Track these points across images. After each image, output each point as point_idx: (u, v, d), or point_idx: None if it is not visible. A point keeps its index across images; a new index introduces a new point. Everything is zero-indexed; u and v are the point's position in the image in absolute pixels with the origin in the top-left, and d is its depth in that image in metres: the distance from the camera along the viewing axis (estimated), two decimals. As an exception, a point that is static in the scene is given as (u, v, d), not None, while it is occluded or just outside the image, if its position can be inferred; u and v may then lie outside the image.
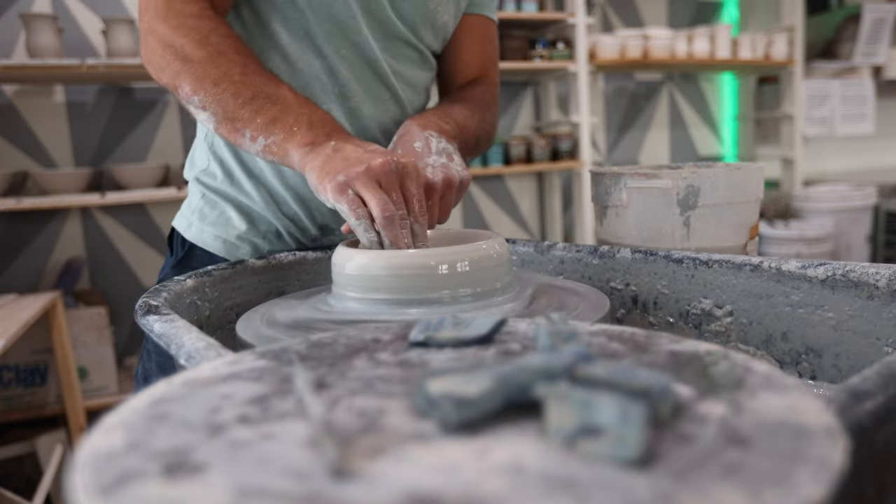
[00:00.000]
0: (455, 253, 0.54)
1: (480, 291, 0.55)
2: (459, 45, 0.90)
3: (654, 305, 0.65)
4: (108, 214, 2.41)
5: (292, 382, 0.29)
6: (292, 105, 0.64)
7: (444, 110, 0.80)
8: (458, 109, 0.82)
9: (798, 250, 2.99)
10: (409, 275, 0.53)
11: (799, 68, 3.37)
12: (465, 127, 0.80)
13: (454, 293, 0.53)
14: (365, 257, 0.55)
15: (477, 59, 0.92)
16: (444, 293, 0.53)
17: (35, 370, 2.09)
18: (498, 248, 0.57)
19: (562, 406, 0.23)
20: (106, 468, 0.22)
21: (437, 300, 0.53)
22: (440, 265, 0.53)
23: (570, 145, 2.92)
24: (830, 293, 0.53)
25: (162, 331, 0.48)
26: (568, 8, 2.87)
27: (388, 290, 0.53)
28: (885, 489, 0.31)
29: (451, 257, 0.54)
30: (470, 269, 0.54)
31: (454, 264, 0.54)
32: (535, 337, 0.35)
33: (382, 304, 0.54)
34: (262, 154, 0.65)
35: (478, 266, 0.55)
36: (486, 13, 0.90)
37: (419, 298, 0.53)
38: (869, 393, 0.28)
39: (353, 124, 0.80)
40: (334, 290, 0.58)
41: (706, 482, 0.19)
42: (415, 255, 0.54)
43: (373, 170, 0.57)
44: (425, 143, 0.69)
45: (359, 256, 0.55)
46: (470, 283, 0.54)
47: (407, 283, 0.53)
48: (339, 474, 0.21)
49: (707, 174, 0.71)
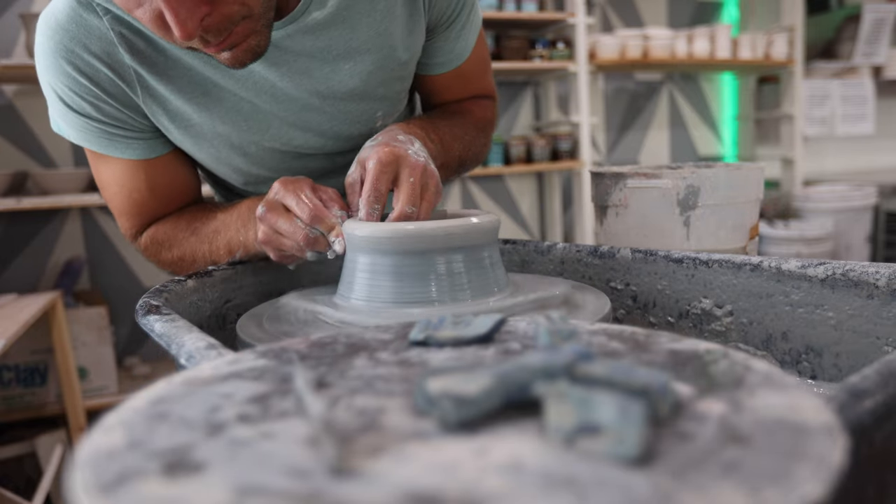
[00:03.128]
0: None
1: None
2: (439, 95, 0.87)
3: (654, 305, 0.65)
4: (108, 214, 2.41)
5: (292, 381, 0.29)
6: (227, 220, 0.73)
7: (434, 124, 0.76)
8: (447, 127, 0.78)
9: (798, 250, 2.99)
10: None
11: (799, 68, 3.37)
12: (450, 147, 0.76)
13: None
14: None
15: (465, 94, 0.88)
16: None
17: (35, 370, 2.08)
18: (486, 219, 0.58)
19: (561, 404, 0.23)
20: (106, 467, 0.22)
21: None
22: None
23: (570, 145, 2.92)
24: (830, 293, 0.53)
25: (162, 331, 0.48)
26: (568, 8, 2.87)
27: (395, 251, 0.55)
28: (885, 488, 0.31)
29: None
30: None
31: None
32: (534, 336, 0.35)
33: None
34: (238, 255, 0.72)
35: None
36: (456, 64, 0.83)
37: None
38: (868, 391, 0.28)
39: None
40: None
41: (706, 480, 0.19)
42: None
43: (271, 201, 0.62)
44: (407, 139, 0.66)
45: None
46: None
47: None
48: (339, 473, 0.21)
49: (707, 174, 0.71)
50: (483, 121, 0.86)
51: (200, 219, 0.77)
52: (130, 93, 0.71)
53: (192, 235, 0.77)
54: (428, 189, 0.61)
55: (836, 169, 3.86)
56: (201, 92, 0.71)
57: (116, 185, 0.79)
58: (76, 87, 0.71)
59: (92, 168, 0.79)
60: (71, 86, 0.71)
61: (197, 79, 0.70)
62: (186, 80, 0.71)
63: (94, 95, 0.71)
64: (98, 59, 0.69)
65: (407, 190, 0.59)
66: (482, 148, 0.86)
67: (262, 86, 0.71)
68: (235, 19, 0.57)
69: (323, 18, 0.69)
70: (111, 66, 0.69)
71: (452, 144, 0.77)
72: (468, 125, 0.82)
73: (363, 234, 0.55)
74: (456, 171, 0.81)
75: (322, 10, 0.69)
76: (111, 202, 0.81)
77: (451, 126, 0.79)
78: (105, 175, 0.80)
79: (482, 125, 0.86)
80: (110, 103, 0.72)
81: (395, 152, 0.60)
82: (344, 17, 0.70)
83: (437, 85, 0.85)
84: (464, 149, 0.80)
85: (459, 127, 0.80)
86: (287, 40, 0.69)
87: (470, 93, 0.88)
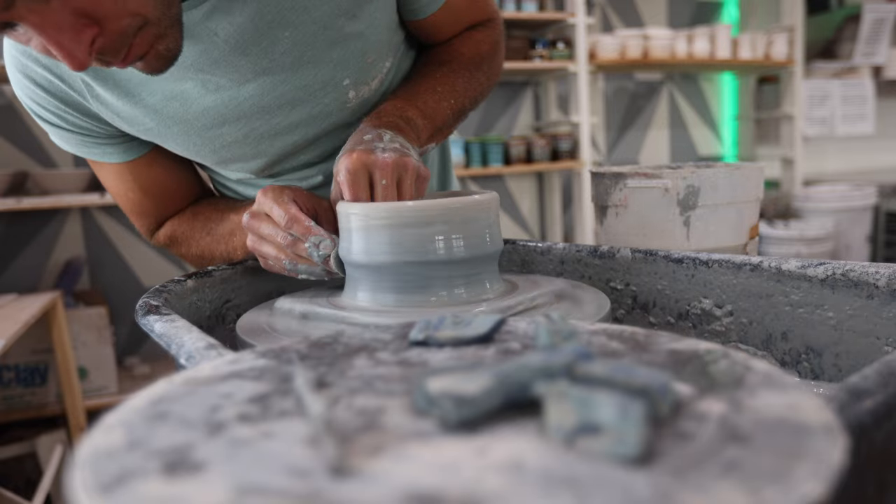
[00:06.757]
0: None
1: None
2: (435, 37, 0.81)
3: (654, 305, 0.65)
4: (108, 214, 2.41)
5: (292, 381, 0.29)
6: (240, 223, 0.72)
7: (413, 93, 0.72)
8: (430, 89, 0.73)
9: (798, 250, 2.99)
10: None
11: (799, 68, 3.37)
12: (436, 111, 0.72)
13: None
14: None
15: (460, 27, 0.82)
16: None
17: (35, 370, 2.09)
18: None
19: (561, 404, 0.23)
20: (106, 466, 0.22)
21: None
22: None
23: (570, 145, 2.92)
24: (830, 293, 0.53)
25: (162, 331, 0.48)
26: (568, 8, 2.87)
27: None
28: (885, 488, 0.31)
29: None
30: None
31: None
32: (534, 336, 0.35)
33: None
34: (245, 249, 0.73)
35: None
36: (442, 2, 0.76)
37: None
38: (868, 391, 0.28)
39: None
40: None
41: (706, 480, 0.19)
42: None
43: (254, 210, 0.63)
44: (375, 135, 0.63)
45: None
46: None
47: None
48: (339, 472, 0.21)
49: (707, 174, 0.71)
50: (477, 57, 0.81)
51: (215, 219, 0.77)
52: (84, 102, 0.69)
53: (208, 236, 0.77)
54: (404, 183, 0.59)
55: (836, 169, 3.86)
56: (147, 93, 0.68)
57: (114, 188, 0.79)
58: (39, 100, 0.70)
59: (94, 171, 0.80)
60: (34, 98, 0.70)
61: (141, 84, 0.68)
62: (134, 84, 0.68)
63: (55, 106, 0.70)
64: (49, 72, 0.68)
65: (379, 195, 0.58)
66: (486, 83, 0.81)
67: (203, 82, 0.67)
68: (130, 32, 0.52)
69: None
70: (61, 77, 0.68)
71: (439, 105, 0.73)
72: (460, 71, 0.77)
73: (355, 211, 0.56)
74: (455, 123, 0.78)
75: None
76: (118, 204, 0.81)
77: (436, 83, 0.75)
78: (102, 178, 0.80)
79: (477, 63, 0.80)
80: (71, 113, 0.71)
81: (361, 158, 0.58)
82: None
83: (429, 28, 0.79)
84: (459, 99, 0.76)
85: (448, 80, 0.76)
86: (207, 23, 0.63)
87: (464, 24, 0.82)
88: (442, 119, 0.73)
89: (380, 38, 0.72)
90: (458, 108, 0.76)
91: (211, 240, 0.76)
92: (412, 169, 0.60)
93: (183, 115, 0.69)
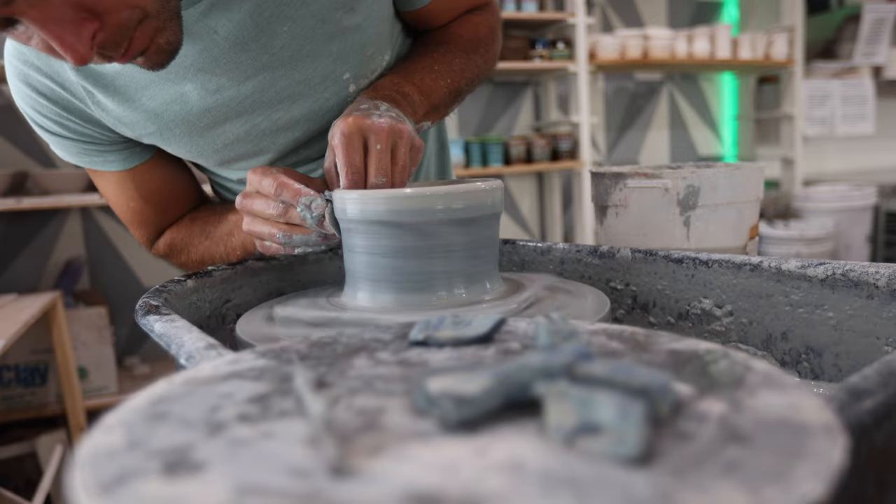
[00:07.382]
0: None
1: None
2: (433, 24, 0.80)
3: (654, 305, 0.65)
4: (108, 214, 2.41)
5: (292, 381, 0.29)
6: (238, 221, 0.72)
7: (409, 71, 0.72)
8: (427, 67, 0.73)
9: (798, 250, 2.99)
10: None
11: (799, 68, 3.37)
12: (433, 89, 0.72)
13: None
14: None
15: (456, 12, 0.81)
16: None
17: (35, 370, 2.09)
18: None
19: (561, 404, 0.23)
20: (106, 466, 0.22)
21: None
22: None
23: (570, 145, 2.92)
24: (830, 293, 0.53)
25: (162, 331, 0.48)
26: (568, 8, 2.87)
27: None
28: (885, 488, 0.31)
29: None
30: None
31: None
32: (534, 336, 0.35)
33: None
34: (257, 254, 0.73)
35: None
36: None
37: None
38: (868, 391, 0.28)
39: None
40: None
41: (706, 479, 0.19)
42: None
43: (245, 190, 0.62)
44: (372, 105, 0.62)
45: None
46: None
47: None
48: (339, 472, 0.21)
49: (707, 174, 0.71)
50: (475, 40, 0.80)
51: (212, 222, 0.77)
52: (86, 108, 0.70)
53: (207, 240, 0.76)
54: (398, 150, 0.58)
55: (836, 169, 3.86)
56: (148, 98, 0.68)
57: (114, 197, 0.79)
58: (40, 109, 0.70)
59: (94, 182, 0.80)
60: (35, 107, 0.70)
61: (141, 89, 0.67)
62: (134, 89, 0.68)
63: (56, 114, 0.70)
64: (50, 79, 0.68)
65: (374, 159, 0.57)
66: (483, 66, 0.81)
67: (203, 82, 0.67)
68: (130, 26, 0.52)
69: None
70: (62, 84, 0.68)
71: (436, 84, 0.73)
72: (457, 52, 0.77)
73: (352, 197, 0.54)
74: (452, 103, 0.77)
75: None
76: (118, 215, 0.81)
77: (433, 62, 0.74)
78: (101, 188, 0.79)
79: (474, 45, 0.80)
80: (73, 120, 0.71)
81: (357, 122, 0.57)
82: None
83: (426, 16, 0.79)
84: (455, 79, 0.75)
85: (445, 59, 0.75)
86: (205, 21, 0.63)
87: (461, 9, 0.82)
88: (438, 97, 0.73)
89: (378, 30, 0.72)
90: (455, 87, 0.76)
91: (210, 243, 0.76)
92: (407, 136, 0.59)
93: (185, 116, 0.69)
